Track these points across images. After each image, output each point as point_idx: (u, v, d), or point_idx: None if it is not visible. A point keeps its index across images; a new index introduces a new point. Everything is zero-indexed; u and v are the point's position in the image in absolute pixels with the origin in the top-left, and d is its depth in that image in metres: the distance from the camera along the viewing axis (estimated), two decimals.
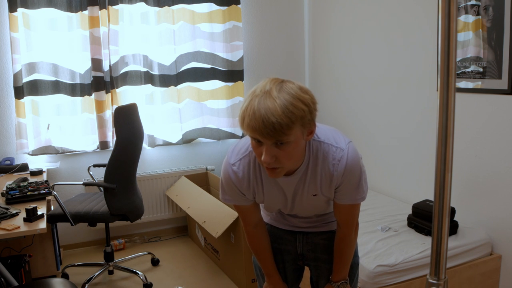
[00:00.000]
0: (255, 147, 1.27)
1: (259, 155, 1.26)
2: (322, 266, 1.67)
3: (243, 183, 1.43)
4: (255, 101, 1.20)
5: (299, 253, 1.69)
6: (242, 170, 1.42)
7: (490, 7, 2.39)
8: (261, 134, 1.18)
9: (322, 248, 1.65)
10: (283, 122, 1.16)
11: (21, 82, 3.33)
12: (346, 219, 1.51)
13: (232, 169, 1.43)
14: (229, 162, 1.44)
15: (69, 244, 3.72)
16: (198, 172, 3.93)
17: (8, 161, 3.39)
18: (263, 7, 4.02)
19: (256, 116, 1.17)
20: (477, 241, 2.49)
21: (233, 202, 1.50)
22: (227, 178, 1.45)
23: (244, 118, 1.21)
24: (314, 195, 1.44)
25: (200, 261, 3.45)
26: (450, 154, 0.86)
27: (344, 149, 1.37)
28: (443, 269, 0.91)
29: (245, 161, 1.42)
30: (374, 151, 3.44)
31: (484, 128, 2.54)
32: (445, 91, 0.83)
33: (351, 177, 1.39)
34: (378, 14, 3.26)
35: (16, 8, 3.23)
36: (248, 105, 1.21)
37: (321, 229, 1.65)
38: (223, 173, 1.47)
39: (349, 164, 1.37)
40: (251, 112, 1.18)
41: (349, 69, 3.59)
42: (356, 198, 1.44)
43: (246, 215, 1.56)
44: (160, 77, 3.70)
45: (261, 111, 1.17)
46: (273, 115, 1.16)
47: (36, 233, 2.19)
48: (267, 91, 1.21)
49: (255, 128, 1.18)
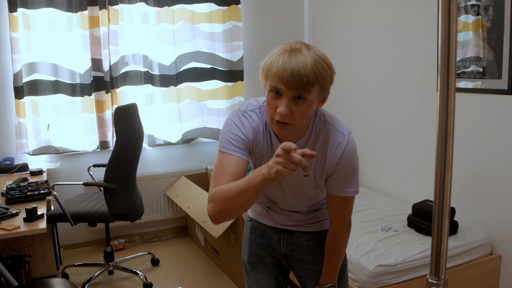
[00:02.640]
0: (271, 100, 1.28)
1: (273, 108, 1.28)
2: (309, 268, 1.64)
3: (252, 128, 1.40)
4: (284, 54, 1.24)
5: (283, 253, 1.67)
6: (253, 118, 1.41)
7: (490, 7, 2.39)
8: (287, 84, 1.22)
9: (307, 249, 1.64)
10: (310, 77, 1.22)
11: (21, 82, 3.33)
12: (338, 213, 1.51)
13: (243, 114, 1.41)
14: (241, 109, 1.43)
15: (69, 244, 3.72)
16: (198, 172, 3.93)
17: (8, 161, 3.39)
18: (263, 7, 4.02)
19: (285, 67, 1.22)
20: (477, 241, 2.49)
21: (228, 148, 1.36)
22: (235, 120, 1.40)
23: (270, 68, 1.25)
24: (306, 175, 1.44)
25: (200, 261, 3.45)
26: (450, 154, 0.86)
27: (346, 136, 1.40)
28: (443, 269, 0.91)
29: (256, 113, 1.42)
30: (374, 151, 3.44)
31: (484, 128, 2.54)
32: (445, 91, 0.83)
33: (346, 164, 1.39)
34: (378, 14, 3.26)
35: (16, 8, 3.23)
36: (277, 57, 1.25)
37: (305, 229, 1.64)
38: (229, 118, 1.42)
39: (347, 151, 1.38)
40: (281, 63, 1.23)
41: (349, 69, 3.59)
42: (349, 190, 1.44)
43: (228, 172, 1.33)
44: (160, 77, 3.70)
45: (292, 63, 1.22)
46: (303, 68, 1.22)
47: (36, 233, 2.19)
48: (297, 49, 1.26)
49: (282, 77, 1.22)
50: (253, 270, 1.69)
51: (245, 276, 1.76)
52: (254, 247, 1.68)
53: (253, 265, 1.69)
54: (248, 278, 1.73)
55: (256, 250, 1.68)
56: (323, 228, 1.64)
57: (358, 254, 2.34)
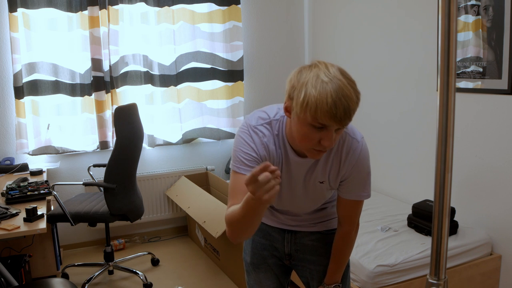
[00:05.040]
0: (311, 132, 1.22)
1: (315, 139, 1.23)
2: (312, 268, 1.64)
3: (263, 144, 1.37)
4: (327, 87, 1.16)
5: (286, 253, 1.66)
6: (264, 133, 1.38)
7: (490, 7, 2.39)
8: (339, 121, 1.17)
9: (311, 249, 1.63)
10: (355, 108, 1.19)
11: (21, 82, 3.33)
12: (349, 216, 1.51)
13: (253, 130, 1.38)
14: (250, 124, 1.39)
15: (69, 244, 3.72)
16: (198, 172, 3.93)
17: (8, 161, 3.39)
18: (263, 7, 4.02)
19: (337, 105, 1.15)
20: (477, 241, 2.49)
21: (241, 168, 1.36)
22: (246, 136, 1.37)
23: (317, 105, 1.16)
24: (322, 182, 1.43)
25: (200, 261, 3.45)
26: (450, 154, 0.86)
27: (359, 142, 1.40)
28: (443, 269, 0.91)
29: (266, 127, 1.39)
30: (374, 151, 3.43)
31: (484, 128, 2.54)
32: (445, 91, 0.83)
33: (360, 170, 1.40)
34: (378, 14, 3.26)
35: (16, 8, 3.23)
36: (322, 92, 1.16)
37: (309, 229, 1.63)
38: (239, 134, 1.39)
39: (361, 157, 1.39)
40: (330, 101, 1.15)
41: (349, 69, 3.56)
42: (362, 194, 1.44)
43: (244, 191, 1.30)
44: (160, 77, 3.70)
45: (342, 100, 1.15)
46: (351, 102, 1.17)
47: (36, 233, 2.19)
48: (334, 77, 1.18)
49: (335, 115, 1.16)
50: (255, 271, 1.68)
51: (246, 277, 1.75)
52: (257, 248, 1.68)
53: (256, 266, 1.68)
54: (249, 279, 1.73)
55: (260, 251, 1.67)
56: (328, 228, 1.64)
57: (358, 254, 2.34)
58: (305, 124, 1.22)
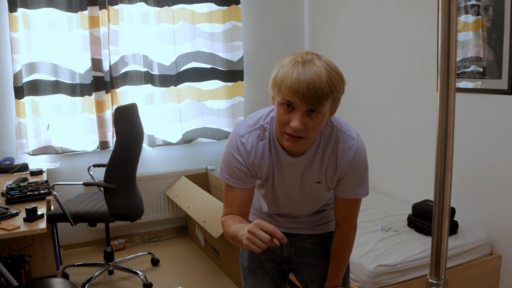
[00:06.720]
0: (282, 113, 1.24)
1: (285, 122, 1.24)
2: (311, 271, 1.62)
3: (250, 155, 1.38)
4: (297, 66, 1.20)
5: (285, 257, 1.64)
6: (251, 142, 1.38)
7: (490, 7, 2.39)
8: (302, 98, 1.18)
9: (311, 252, 1.62)
10: (325, 90, 1.19)
11: (21, 82, 3.33)
12: (346, 216, 1.48)
13: (240, 140, 1.38)
14: (238, 133, 1.40)
15: (69, 244, 3.72)
16: (198, 172, 3.93)
17: (8, 161, 3.39)
18: (263, 7, 4.02)
19: (300, 79, 1.18)
20: (477, 241, 2.49)
21: (230, 180, 1.41)
22: (233, 149, 1.39)
23: (283, 80, 1.20)
24: (318, 182, 1.42)
25: (200, 261, 3.45)
26: (450, 154, 0.86)
27: (355, 139, 1.38)
28: (443, 269, 0.91)
29: (254, 134, 1.39)
30: (374, 151, 3.43)
31: (484, 128, 2.54)
32: (445, 91, 0.83)
33: (357, 168, 1.39)
34: (378, 14, 3.26)
35: (16, 8, 3.23)
36: (289, 69, 1.20)
37: (308, 232, 1.61)
38: (228, 145, 1.41)
39: (358, 154, 1.37)
40: (295, 76, 1.18)
41: (349, 68, 3.58)
42: (359, 192, 1.42)
43: (234, 202, 1.42)
44: (160, 77, 3.70)
45: (306, 76, 1.18)
46: (318, 81, 1.18)
47: (36, 233, 2.19)
48: (309, 60, 1.21)
49: (297, 90, 1.18)
50: (252, 276, 1.66)
51: (243, 281, 1.72)
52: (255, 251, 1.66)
53: (253, 270, 1.66)
54: (246, 283, 1.70)
55: (257, 255, 1.63)
56: (327, 231, 1.62)
57: (358, 254, 2.34)
58: (278, 106, 1.26)
